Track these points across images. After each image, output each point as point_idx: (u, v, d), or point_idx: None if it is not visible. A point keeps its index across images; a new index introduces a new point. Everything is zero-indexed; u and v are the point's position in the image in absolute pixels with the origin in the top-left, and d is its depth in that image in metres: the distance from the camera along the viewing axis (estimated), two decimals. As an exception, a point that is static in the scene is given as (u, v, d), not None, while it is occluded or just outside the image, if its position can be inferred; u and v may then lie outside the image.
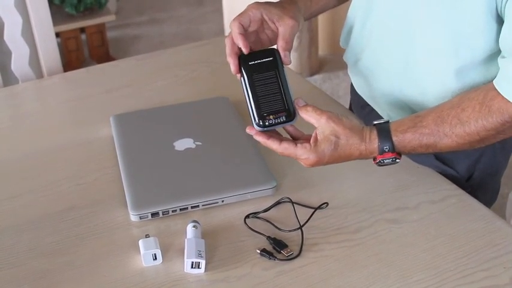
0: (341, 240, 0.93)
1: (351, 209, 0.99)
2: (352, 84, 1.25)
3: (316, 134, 0.92)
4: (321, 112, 0.92)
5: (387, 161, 0.93)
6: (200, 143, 1.10)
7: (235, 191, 1.00)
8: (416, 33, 0.99)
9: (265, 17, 0.98)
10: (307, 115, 0.92)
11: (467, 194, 1.01)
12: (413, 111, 1.04)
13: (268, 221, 0.96)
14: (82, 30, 3.30)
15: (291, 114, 0.93)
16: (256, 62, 0.95)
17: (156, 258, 0.89)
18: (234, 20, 0.97)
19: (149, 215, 0.97)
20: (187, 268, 0.87)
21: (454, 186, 1.03)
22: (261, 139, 0.93)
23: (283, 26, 0.97)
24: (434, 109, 0.93)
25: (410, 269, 0.87)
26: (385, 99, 1.11)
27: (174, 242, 0.93)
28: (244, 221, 0.96)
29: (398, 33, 1.03)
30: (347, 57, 1.20)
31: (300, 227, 0.94)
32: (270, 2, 1.01)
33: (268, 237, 0.92)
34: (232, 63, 0.95)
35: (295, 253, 0.90)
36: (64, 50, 3.18)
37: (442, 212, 0.97)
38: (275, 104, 0.93)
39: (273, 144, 0.93)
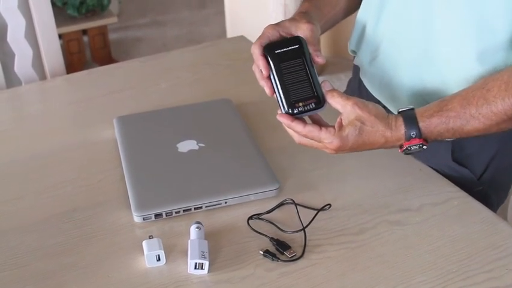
0: (344, 241, 0.93)
1: (353, 210, 0.99)
2: (362, 89, 1.24)
3: (340, 120, 0.92)
4: (347, 98, 0.92)
5: (414, 147, 0.92)
6: (203, 145, 1.11)
7: (239, 192, 1.00)
8: (436, 18, 0.99)
9: (283, 33, 0.99)
10: (333, 100, 0.92)
11: (469, 196, 1.01)
12: None
13: (271, 222, 0.96)
14: (84, 32, 3.31)
15: (320, 101, 0.92)
16: (282, 50, 0.95)
17: (159, 259, 0.89)
18: (254, 43, 0.97)
19: (152, 216, 0.97)
20: (190, 269, 0.88)
21: (456, 188, 1.03)
22: (285, 121, 0.93)
23: (303, 33, 0.98)
24: (459, 92, 0.93)
25: (413, 270, 0.87)
26: (406, 93, 1.09)
27: (177, 243, 0.93)
28: (248, 222, 0.97)
29: (416, 19, 1.02)
30: (360, 60, 1.19)
31: (303, 229, 0.94)
32: (283, 20, 1.02)
33: (271, 239, 0.93)
34: (266, 86, 0.95)
35: (298, 254, 0.90)
36: (66, 52, 3.18)
37: (444, 214, 0.98)
38: (304, 91, 0.92)
39: (297, 127, 0.92)
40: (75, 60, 3.25)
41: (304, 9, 1.06)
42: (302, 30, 0.98)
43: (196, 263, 0.87)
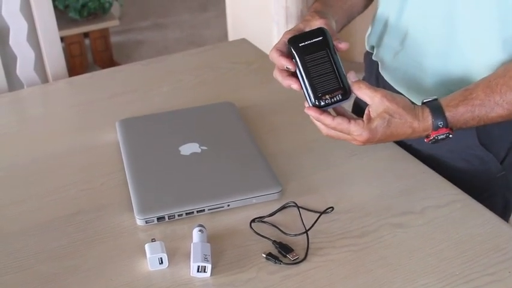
0: (346, 244, 0.93)
1: (356, 213, 0.99)
2: (380, 86, 1.23)
3: (369, 112, 0.93)
4: (374, 90, 0.92)
5: (441, 137, 0.93)
6: (206, 148, 1.11)
7: (241, 195, 1.00)
8: (460, 8, 1.00)
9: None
10: (361, 92, 0.93)
11: (472, 199, 1.01)
12: None
13: (273, 225, 0.96)
14: (86, 35, 3.31)
15: (346, 92, 0.93)
16: (306, 42, 0.95)
17: (162, 262, 0.89)
18: (271, 50, 0.98)
19: (155, 219, 0.97)
20: (193, 272, 0.88)
21: (459, 190, 1.03)
22: (313, 114, 0.93)
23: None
24: (482, 81, 0.95)
25: (416, 273, 0.87)
26: (430, 84, 1.09)
27: (180, 246, 0.93)
28: (250, 225, 0.97)
29: (440, 9, 1.03)
30: (381, 55, 1.19)
31: (306, 231, 0.94)
32: (296, 24, 1.03)
33: (274, 242, 0.93)
34: (293, 82, 0.95)
35: (301, 257, 0.90)
36: (68, 55, 3.19)
37: (447, 216, 0.97)
38: (330, 83, 0.93)
39: (326, 119, 0.93)
40: (77, 63, 3.25)
41: (314, 9, 1.07)
42: (315, 26, 0.98)
43: (198, 266, 0.87)
